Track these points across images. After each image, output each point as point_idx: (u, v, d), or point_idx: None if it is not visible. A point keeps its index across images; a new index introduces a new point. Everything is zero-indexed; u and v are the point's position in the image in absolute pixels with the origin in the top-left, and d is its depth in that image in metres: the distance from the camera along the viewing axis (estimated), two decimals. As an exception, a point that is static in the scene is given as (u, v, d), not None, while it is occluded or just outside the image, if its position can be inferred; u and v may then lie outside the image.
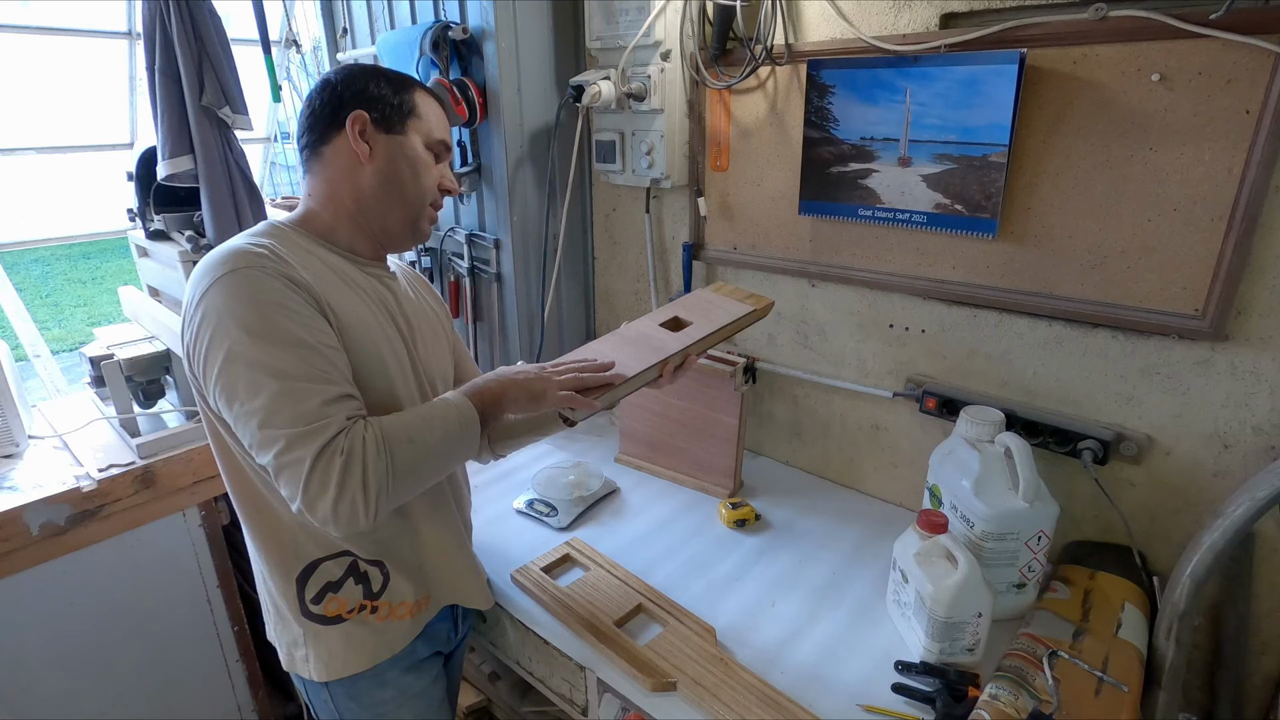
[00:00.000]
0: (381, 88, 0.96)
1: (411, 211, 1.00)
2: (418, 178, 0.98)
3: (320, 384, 0.83)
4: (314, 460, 0.78)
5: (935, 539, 1.02)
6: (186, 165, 1.55)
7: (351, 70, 0.97)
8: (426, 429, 0.88)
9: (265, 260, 0.85)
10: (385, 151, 0.96)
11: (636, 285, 1.80)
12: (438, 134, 1.00)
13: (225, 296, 0.82)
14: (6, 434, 1.49)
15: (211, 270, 0.84)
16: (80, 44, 3.68)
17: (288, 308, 0.84)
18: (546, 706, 1.46)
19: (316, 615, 0.98)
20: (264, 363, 0.81)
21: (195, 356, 0.85)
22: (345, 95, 0.95)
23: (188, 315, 0.85)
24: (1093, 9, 1.00)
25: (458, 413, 0.91)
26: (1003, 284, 1.21)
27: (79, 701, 1.47)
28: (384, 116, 0.96)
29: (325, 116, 0.95)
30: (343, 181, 0.96)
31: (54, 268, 8.58)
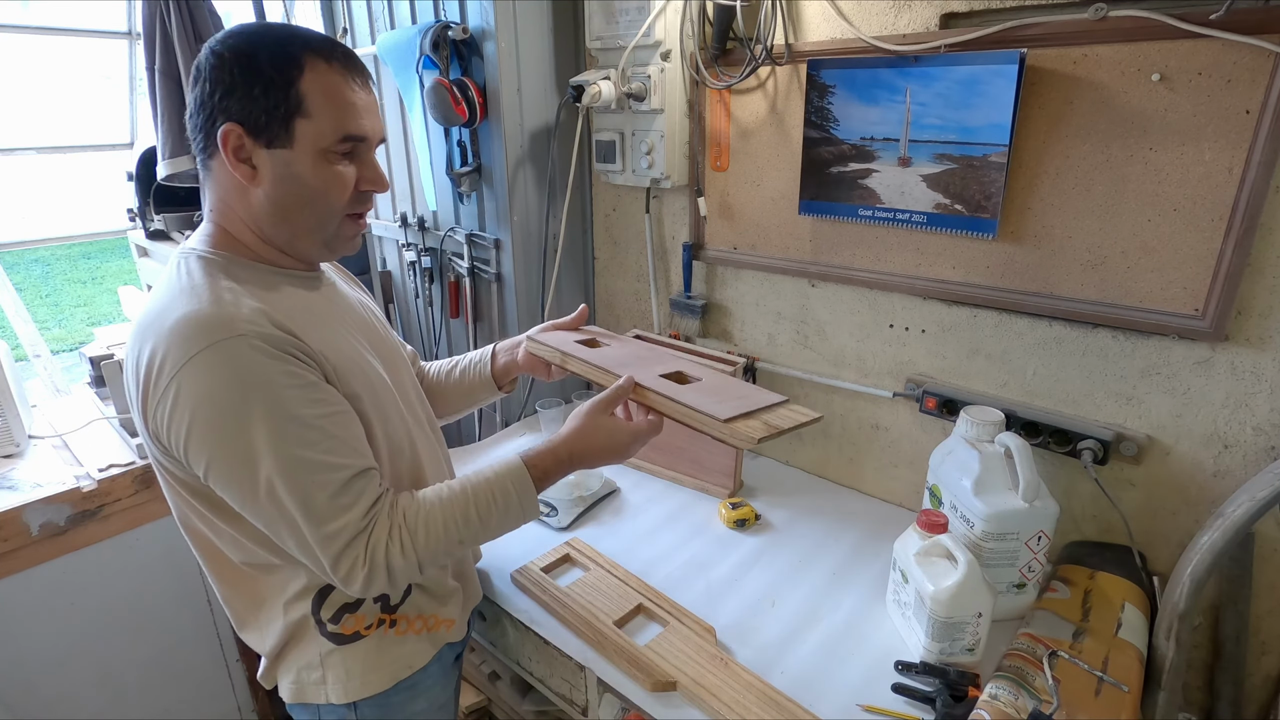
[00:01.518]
0: (253, 85, 0.75)
1: (320, 234, 0.85)
2: (324, 197, 0.82)
3: (331, 470, 0.77)
4: (334, 563, 0.78)
5: (935, 539, 1.02)
6: (186, 165, 1.55)
7: (220, 53, 0.76)
8: (478, 528, 0.86)
9: (243, 325, 0.74)
10: (270, 172, 0.79)
11: (636, 285, 1.80)
12: (344, 127, 0.79)
13: (208, 379, 0.72)
14: (6, 434, 1.49)
15: (177, 346, 0.73)
16: (80, 44, 3.67)
17: (278, 383, 0.75)
18: (546, 706, 1.46)
19: (334, 634, 0.92)
20: (265, 455, 0.74)
21: (172, 439, 0.76)
22: (215, 98, 0.76)
23: (153, 385, 0.74)
24: (1093, 9, 1.00)
25: (510, 498, 0.87)
26: (1003, 284, 1.21)
27: (79, 701, 1.47)
28: (263, 128, 0.77)
29: (198, 125, 0.79)
30: (235, 203, 0.82)
31: (54, 268, 8.58)
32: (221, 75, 0.76)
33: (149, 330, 0.76)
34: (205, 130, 0.79)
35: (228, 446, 0.74)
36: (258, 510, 0.77)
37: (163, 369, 0.74)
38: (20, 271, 8.27)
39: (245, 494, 0.76)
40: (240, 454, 0.74)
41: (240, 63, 0.76)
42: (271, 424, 0.74)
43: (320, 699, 0.94)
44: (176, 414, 0.74)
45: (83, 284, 8.16)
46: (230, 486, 0.77)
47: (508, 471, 0.89)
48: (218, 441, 0.74)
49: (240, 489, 0.76)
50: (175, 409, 0.74)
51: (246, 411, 0.74)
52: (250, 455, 0.74)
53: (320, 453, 0.77)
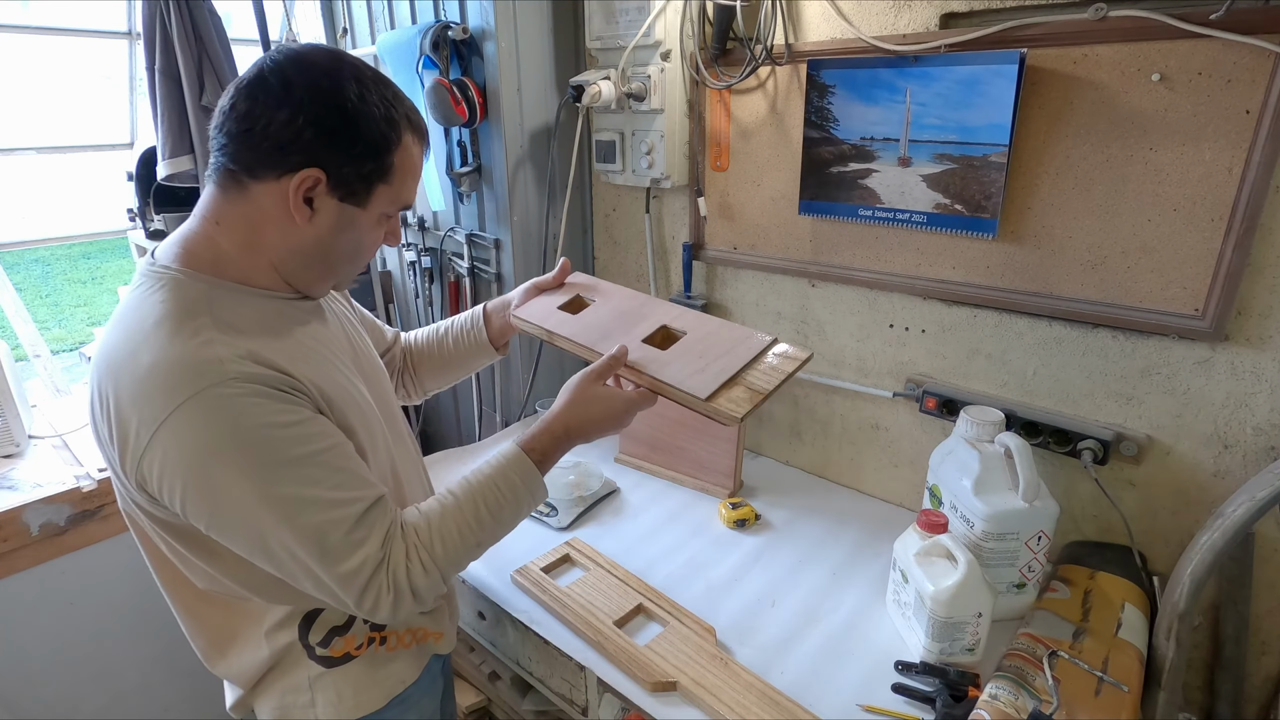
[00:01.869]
0: (360, 141, 0.73)
1: (336, 281, 0.86)
2: (356, 256, 0.83)
3: (342, 507, 0.74)
4: (359, 598, 0.76)
5: (935, 539, 1.02)
6: (186, 165, 1.55)
7: (325, 94, 0.72)
8: (492, 526, 0.85)
9: (228, 367, 0.69)
10: (332, 221, 0.76)
11: (637, 285, 1.80)
12: (404, 199, 0.81)
13: (198, 434, 0.68)
14: (6, 434, 1.49)
15: (159, 396, 0.68)
16: (80, 44, 3.67)
17: (272, 424, 0.71)
18: (546, 706, 1.46)
19: (323, 657, 0.89)
20: (275, 498, 0.71)
21: (164, 495, 0.71)
22: (305, 135, 0.71)
23: (132, 437, 0.69)
24: (1093, 9, 1.00)
25: (518, 488, 0.86)
26: (1003, 284, 1.21)
27: (79, 701, 1.47)
28: (345, 182, 0.75)
29: (265, 147, 0.72)
30: (268, 231, 0.77)
31: (54, 268, 8.58)
32: (321, 118, 0.72)
33: (122, 372, 0.70)
34: (266, 153, 0.72)
35: (227, 502, 0.70)
36: (269, 558, 0.74)
37: (143, 422, 0.68)
38: (20, 271, 8.27)
39: (254, 545, 0.73)
40: (242, 507, 0.70)
41: (347, 116, 0.73)
42: (271, 471, 0.71)
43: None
44: (167, 472, 0.69)
45: (83, 284, 8.16)
46: (236, 539, 0.74)
47: (508, 462, 0.87)
48: (217, 498, 0.70)
49: (247, 540, 0.73)
50: (165, 467, 0.69)
51: (242, 462, 0.69)
52: (253, 507, 0.70)
53: (327, 489, 0.74)
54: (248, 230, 0.77)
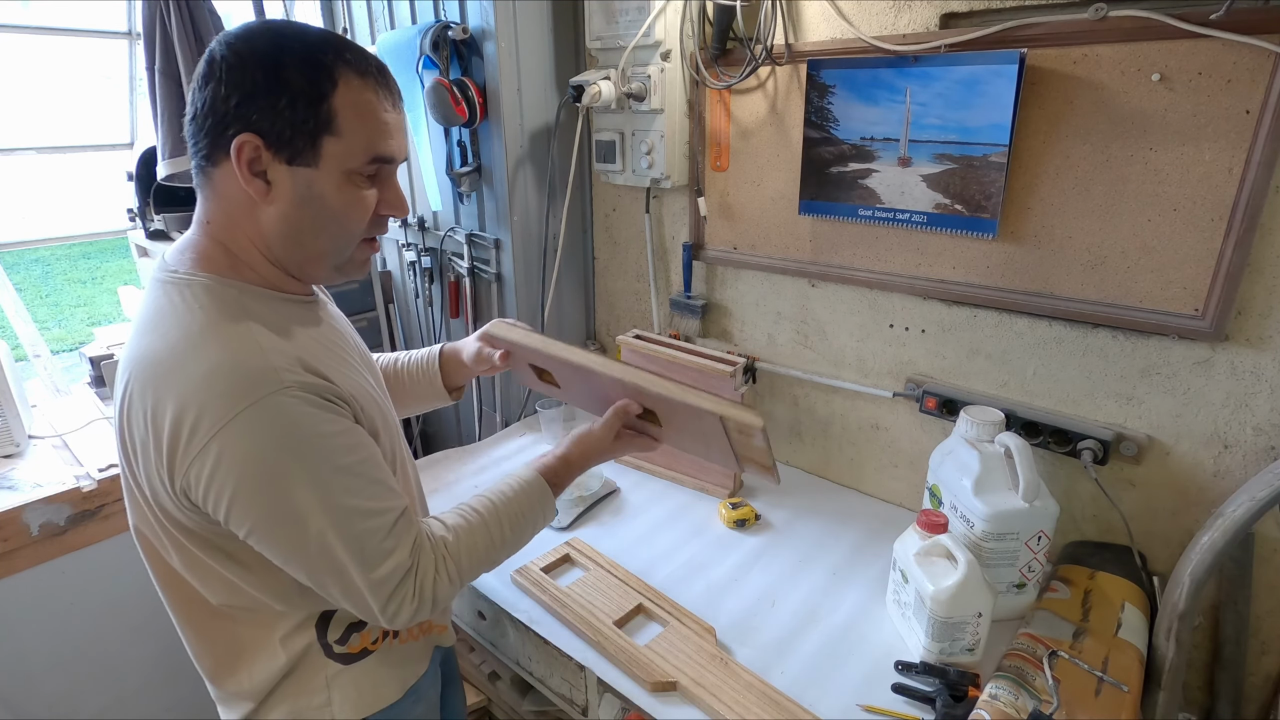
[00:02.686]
0: (280, 95, 0.68)
1: (334, 258, 0.79)
2: (341, 221, 0.76)
3: (376, 517, 0.76)
4: (384, 605, 0.78)
5: (935, 539, 1.02)
6: (186, 165, 1.55)
7: (242, 53, 0.68)
8: (512, 540, 0.90)
9: (285, 376, 0.71)
10: (288, 191, 0.72)
11: (636, 285, 1.80)
12: (374, 149, 0.74)
13: (254, 440, 0.68)
14: (6, 434, 1.49)
15: (223, 399, 0.68)
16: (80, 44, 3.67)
17: (323, 434, 0.72)
18: (546, 706, 1.46)
19: (341, 655, 0.90)
20: (316, 511, 0.72)
21: (210, 501, 0.71)
22: (231, 103, 0.68)
23: (184, 444, 0.69)
24: (1093, 9, 1.00)
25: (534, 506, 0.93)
26: (1003, 284, 1.21)
27: (79, 701, 1.47)
28: (286, 142, 0.70)
29: (207, 128, 0.70)
30: (241, 219, 0.74)
31: (54, 268, 8.57)
32: (241, 79, 0.68)
33: (171, 379, 0.69)
34: (213, 136, 0.70)
35: (278, 507, 0.71)
36: (306, 563, 0.75)
37: (197, 428, 0.68)
38: (20, 271, 8.27)
39: (293, 550, 0.74)
40: (291, 513, 0.72)
41: (265, 68, 0.68)
42: (320, 478, 0.72)
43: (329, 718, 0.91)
44: (218, 475, 0.69)
45: (83, 284, 8.16)
46: (277, 545, 0.74)
47: (528, 485, 0.94)
48: (268, 503, 0.71)
49: (289, 546, 0.74)
50: (216, 472, 0.69)
51: (296, 470, 0.71)
52: (301, 513, 0.72)
53: (365, 499, 0.76)
54: (229, 224, 0.75)
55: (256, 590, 0.83)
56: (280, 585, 0.83)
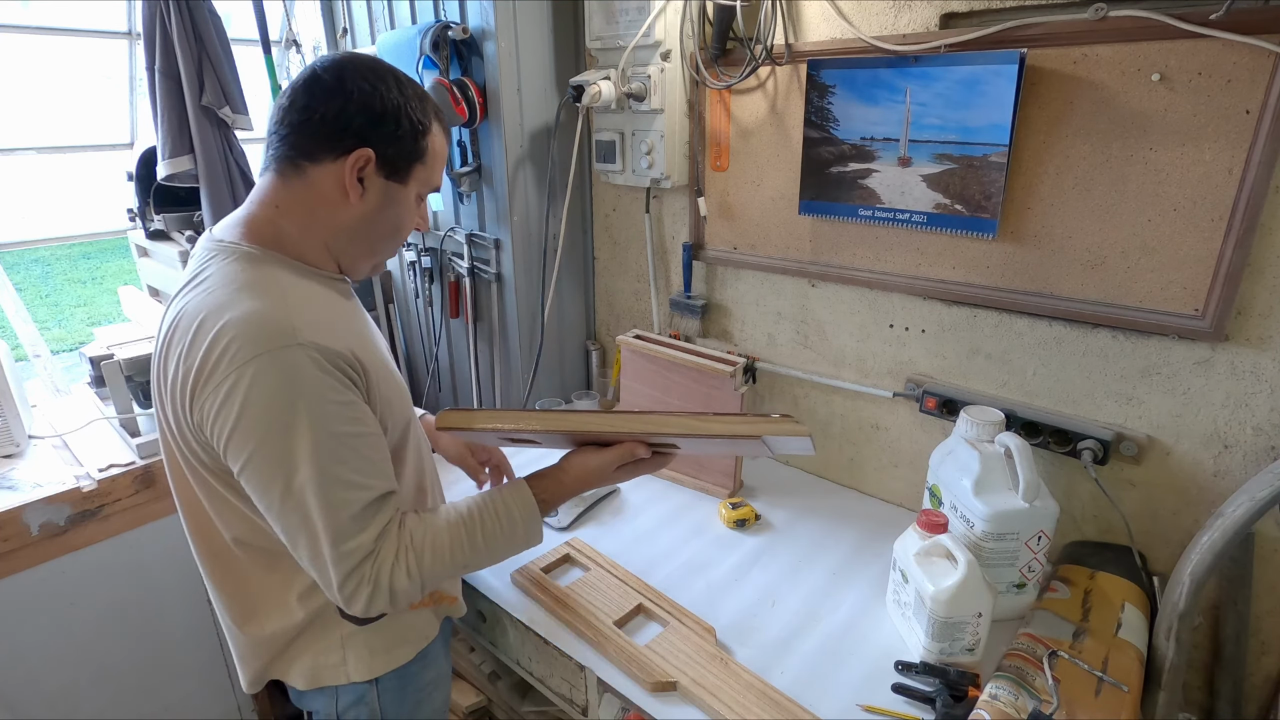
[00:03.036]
0: (401, 123, 0.85)
1: (378, 257, 0.95)
2: (399, 230, 0.92)
3: (355, 490, 0.80)
4: (342, 582, 0.80)
5: (935, 539, 1.02)
6: (186, 165, 1.55)
7: (368, 81, 0.83)
8: (485, 553, 0.90)
9: (306, 334, 0.78)
10: (378, 198, 0.87)
11: (636, 285, 1.80)
12: (434, 181, 0.92)
13: (265, 383, 0.76)
14: (6, 434, 1.49)
15: (238, 347, 0.76)
16: (80, 44, 3.67)
17: (327, 398, 0.79)
18: (546, 706, 1.46)
19: (353, 616, 0.95)
20: (304, 464, 0.77)
21: (214, 431, 0.78)
22: (357, 120, 0.83)
23: (208, 374, 0.77)
24: (1093, 9, 1.00)
25: (517, 523, 0.92)
26: (1003, 284, 1.21)
27: (79, 701, 1.47)
28: (391, 159, 0.86)
29: (323, 133, 0.83)
30: (321, 210, 0.86)
31: (54, 268, 8.57)
32: (371, 106, 0.83)
33: (205, 326, 0.78)
34: (323, 139, 0.83)
35: (270, 449, 0.77)
36: (282, 515, 0.80)
37: (221, 361, 0.76)
38: (20, 271, 8.27)
39: (274, 497, 0.79)
40: (280, 458, 0.77)
41: (391, 103, 0.84)
42: (315, 436, 0.77)
43: (340, 680, 0.97)
44: (226, 408, 0.76)
45: (83, 284, 8.16)
46: (261, 487, 0.79)
47: (516, 498, 0.93)
48: (261, 442, 0.77)
49: (270, 491, 0.79)
50: (225, 403, 0.76)
51: (295, 420, 0.76)
52: (289, 462, 0.77)
53: (351, 471, 0.80)
54: (305, 212, 0.86)
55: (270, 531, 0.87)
56: None
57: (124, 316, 1.87)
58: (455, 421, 0.96)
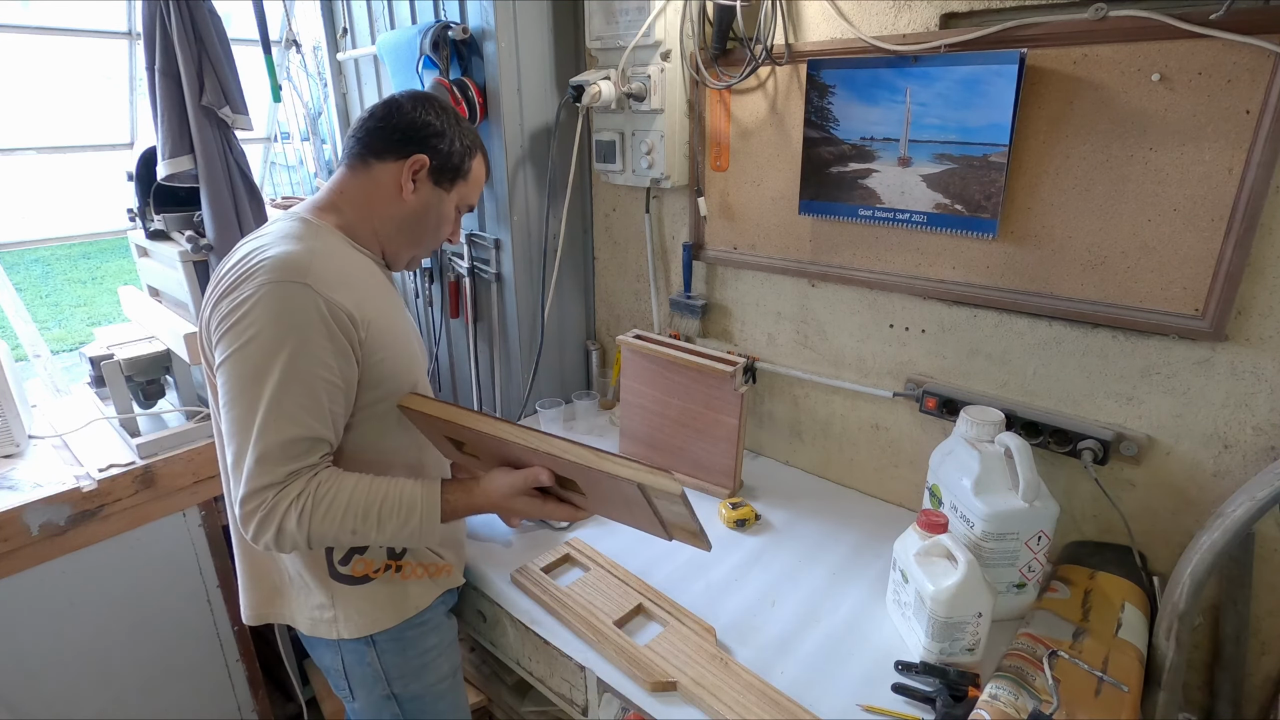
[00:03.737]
0: (454, 144, 1.04)
1: (416, 252, 1.11)
2: (437, 232, 1.09)
3: (297, 425, 0.88)
4: (243, 500, 0.88)
5: (935, 539, 1.02)
6: (186, 165, 1.55)
7: (434, 110, 1.03)
8: (375, 527, 0.93)
9: (315, 277, 0.90)
10: (425, 199, 1.04)
11: (636, 285, 1.80)
12: (471, 199, 1.10)
13: (268, 304, 0.88)
14: (6, 434, 1.49)
15: (267, 271, 0.89)
16: (80, 44, 3.67)
17: (311, 339, 0.89)
18: (546, 706, 1.46)
19: (344, 576, 1.04)
20: (271, 379, 0.87)
21: (215, 323, 0.91)
22: (421, 132, 1.01)
23: (238, 286, 0.89)
24: (1093, 9, 1.00)
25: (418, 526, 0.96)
26: (1003, 284, 1.21)
27: (79, 701, 1.47)
28: (440, 169, 1.04)
29: (392, 138, 1.01)
30: (379, 201, 1.03)
31: (54, 268, 8.57)
32: (433, 123, 1.02)
33: (252, 254, 0.92)
34: (395, 143, 1.01)
35: (247, 357, 0.87)
36: (231, 414, 0.89)
37: (242, 281, 0.90)
38: (20, 271, 8.27)
39: (235, 393, 0.88)
40: (252, 368, 0.87)
41: (449, 125, 1.04)
42: (288, 365, 0.87)
43: (332, 635, 1.06)
44: (230, 314, 0.88)
45: (83, 284, 8.16)
46: (225, 383, 0.89)
47: (423, 492, 0.97)
48: (243, 347, 0.87)
49: (234, 387, 0.88)
50: (232, 310, 0.88)
51: (278, 344, 0.87)
52: (258, 375, 0.87)
53: (301, 408, 0.89)
54: (364, 200, 1.03)
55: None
56: None
57: (124, 316, 1.87)
58: (414, 404, 1.02)
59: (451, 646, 1.18)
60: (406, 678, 1.11)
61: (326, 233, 0.99)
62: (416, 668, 1.12)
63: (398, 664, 1.09)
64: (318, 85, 2.87)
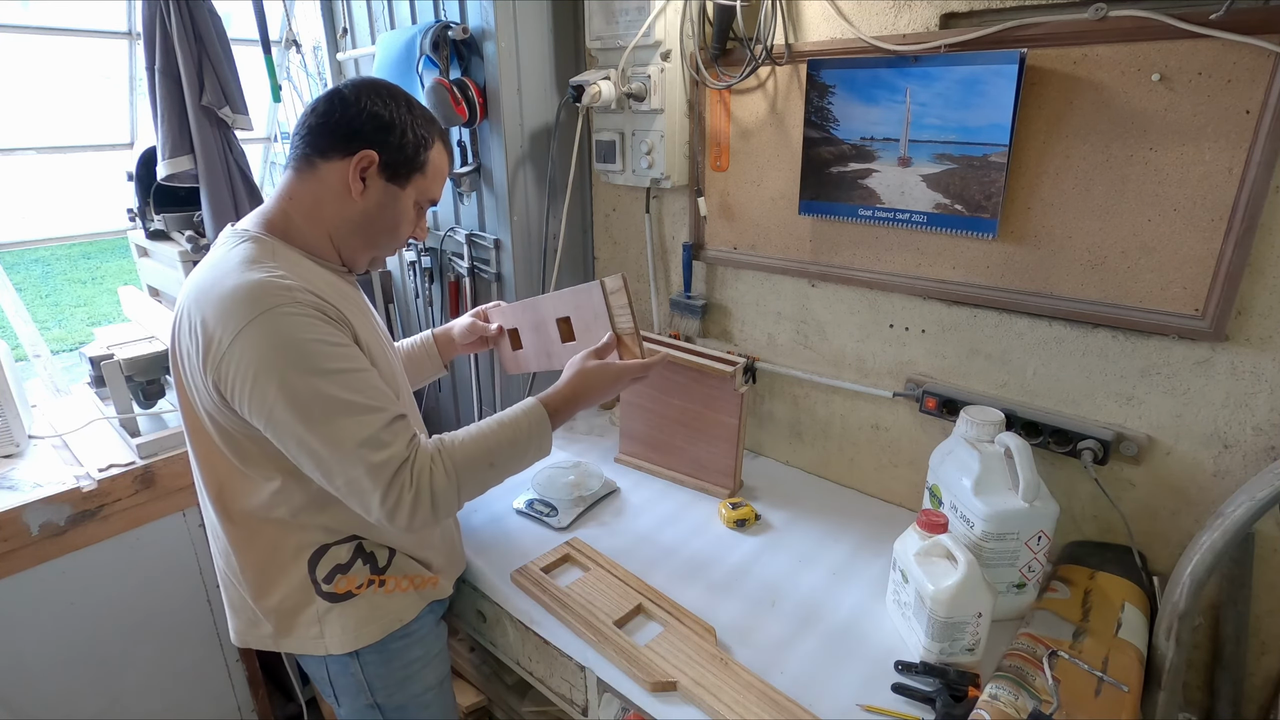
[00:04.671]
0: (405, 135, 0.96)
1: (375, 253, 1.04)
2: (395, 230, 1.02)
3: (374, 412, 0.88)
4: (384, 493, 0.87)
5: (935, 539, 1.02)
6: (186, 165, 1.55)
7: (381, 98, 0.95)
8: (512, 447, 0.97)
9: (294, 294, 0.87)
10: (378, 197, 0.97)
11: (637, 285, 1.80)
12: (432, 193, 1.03)
13: (266, 339, 0.84)
14: (6, 434, 1.49)
15: (240, 310, 0.84)
16: (80, 44, 3.67)
17: (327, 341, 0.87)
18: (546, 706, 1.46)
19: (328, 594, 1.03)
20: (322, 397, 0.85)
21: (236, 396, 0.86)
22: (365, 126, 0.94)
23: (216, 351, 0.85)
24: (1093, 9, 1.00)
25: (532, 427, 0.99)
26: (1003, 284, 1.21)
27: (79, 701, 1.47)
28: (392, 164, 0.96)
29: (334, 133, 0.94)
30: (329, 203, 0.97)
31: (54, 268, 8.57)
32: (380, 114, 0.94)
33: (208, 297, 0.87)
34: (336, 139, 0.94)
35: (285, 398, 0.84)
36: (313, 454, 0.86)
37: (225, 331, 0.84)
38: (20, 271, 8.27)
39: (301, 440, 0.86)
40: (295, 404, 0.84)
41: (399, 114, 0.96)
42: (321, 375, 0.85)
43: (319, 651, 1.04)
44: (240, 372, 0.84)
45: (83, 284, 8.16)
46: (285, 434, 0.86)
47: (526, 408, 1.01)
48: (277, 394, 0.84)
49: (294, 436, 0.86)
50: (239, 367, 0.84)
51: (299, 364, 0.85)
52: (303, 404, 0.85)
53: (365, 398, 0.88)
54: (313, 203, 0.96)
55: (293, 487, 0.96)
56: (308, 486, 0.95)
57: (124, 316, 1.87)
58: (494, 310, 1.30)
59: (439, 657, 1.17)
60: (390, 688, 1.09)
61: (286, 249, 0.95)
62: (401, 679, 1.10)
63: (381, 675, 1.08)
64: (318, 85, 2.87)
